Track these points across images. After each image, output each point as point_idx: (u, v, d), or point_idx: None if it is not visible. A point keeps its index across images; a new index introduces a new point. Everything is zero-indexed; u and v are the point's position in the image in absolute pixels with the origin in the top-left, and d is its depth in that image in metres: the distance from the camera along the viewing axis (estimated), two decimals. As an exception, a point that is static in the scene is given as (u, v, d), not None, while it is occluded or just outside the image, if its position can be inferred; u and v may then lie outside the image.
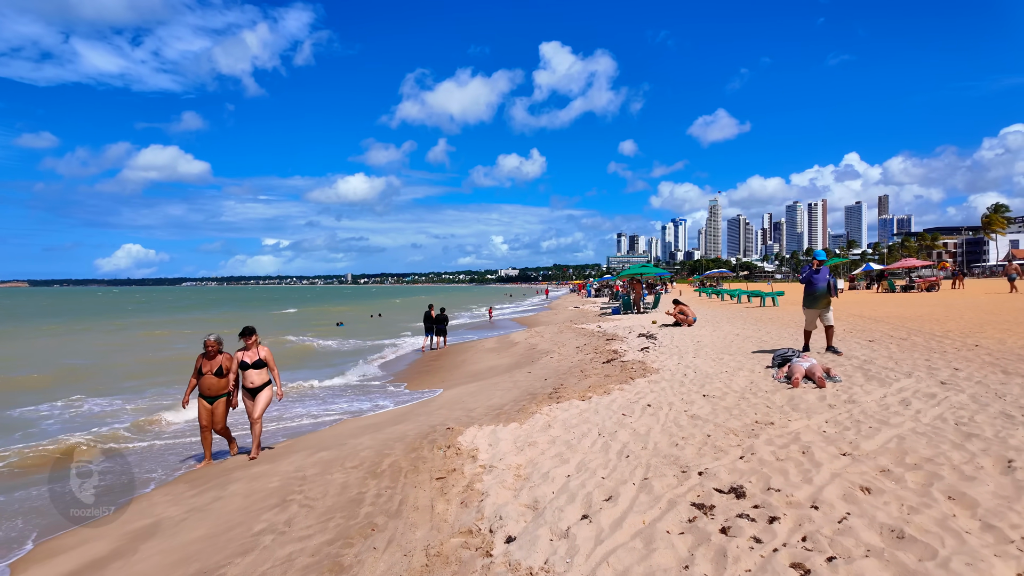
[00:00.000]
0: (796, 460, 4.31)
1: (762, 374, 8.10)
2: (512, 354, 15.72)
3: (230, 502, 4.99)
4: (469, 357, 16.98)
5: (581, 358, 12.07)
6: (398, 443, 5.96)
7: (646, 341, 13.42)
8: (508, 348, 17.33)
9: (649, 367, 9.42)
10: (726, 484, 3.93)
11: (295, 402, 11.22)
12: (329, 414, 9.99)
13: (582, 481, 4.19)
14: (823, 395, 6.45)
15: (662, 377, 8.39)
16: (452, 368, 15.04)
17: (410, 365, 16.69)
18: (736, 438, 5.03)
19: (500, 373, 12.33)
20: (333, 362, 18.12)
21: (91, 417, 10.20)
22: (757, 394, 6.79)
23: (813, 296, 9.53)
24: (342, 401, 11.20)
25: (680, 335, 14.13)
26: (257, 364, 6.80)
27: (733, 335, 13.38)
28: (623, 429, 5.54)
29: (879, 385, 6.80)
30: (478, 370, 13.80)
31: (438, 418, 7.37)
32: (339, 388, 12.81)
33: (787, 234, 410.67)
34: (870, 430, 4.96)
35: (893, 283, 35.29)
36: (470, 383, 11.53)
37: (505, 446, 5.29)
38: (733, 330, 14.62)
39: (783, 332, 13.35)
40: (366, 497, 4.48)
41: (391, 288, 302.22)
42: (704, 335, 13.77)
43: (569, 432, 5.59)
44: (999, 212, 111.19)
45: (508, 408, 7.34)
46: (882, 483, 3.77)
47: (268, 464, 6.18)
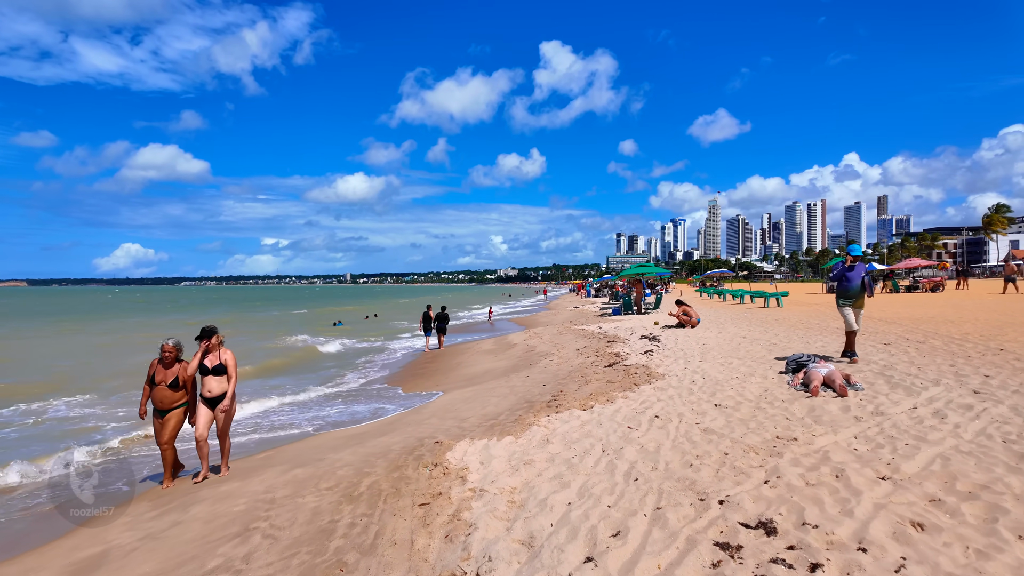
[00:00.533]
0: (830, 486, 3.77)
1: (776, 381, 7.55)
2: (510, 356, 15.17)
3: (188, 528, 4.44)
4: (466, 359, 16.43)
5: (581, 361, 11.53)
6: (381, 459, 5.40)
7: (649, 343, 12.87)
8: (506, 350, 16.78)
9: (654, 372, 8.88)
10: (753, 516, 3.38)
11: (282, 407, 10.67)
12: (315, 421, 9.44)
13: (585, 511, 3.65)
14: (846, 405, 5.91)
15: (669, 384, 7.84)
16: (448, 371, 14.49)
17: (406, 367, 16.14)
18: (757, 457, 4.49)
19: (497, 377, 11.79)
20: (327, 364, 17.56)
21: (65, 422, 9.64)
22: (774, 404, 6.25)
23: (847, 294, 8.53)
24: (331, 407, 10.65)
25: (684, 337, 13.59)
26: (218, 370, 5.99)
27: (740, 337, 12.84)
28: (630, 445, 5.00)
29: (906, 394, 6.25)
30: (474, 373, 13.25)
31: (428, 428, 6.82)
32: (331, 391, 12.25)
33: (786, 234, 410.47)
34: (908, 448, 4.41)
35: (897, 283, 34.75)
36: (465, 388, 10.98)
37: (498, 464, 4.74)
38: (739, 332, 14.08)
39: (791, 334, 12.81)
40: (338, 527, 3.93)
41: (391, 288, 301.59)
42: (709, 337, 13.22)
43: (570, 448, 5.04)
44: (1000, 212, 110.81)
45: (503, 418, 6.79)
46: (936, 517, 3.23)
47: (239, 481, 5.62)
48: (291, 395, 11.96)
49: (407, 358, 18.44)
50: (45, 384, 13.73)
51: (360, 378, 14.56)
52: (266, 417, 10.05)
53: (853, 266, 8.54)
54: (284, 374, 15.47)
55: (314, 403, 11.08)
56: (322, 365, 17.43)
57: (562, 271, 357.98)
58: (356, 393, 12.12)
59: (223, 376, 5.99)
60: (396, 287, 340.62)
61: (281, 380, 14.41)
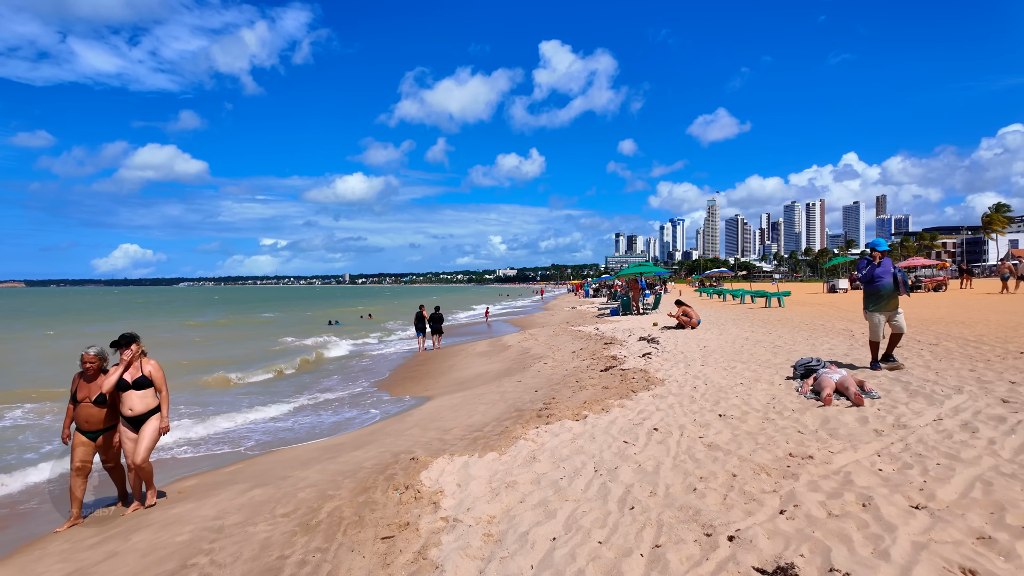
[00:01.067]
0: (857, 518, 3.24)
1: (784, 387, 7.03)
2: (503, 359, 14.64)
3: (122, 562, 3.90)
4: (458, 362, 15.89)
5: (577, 365, 11.00)
6: (348, 479, 4.87)
7: (647, 345, 12.34)
8: (500, 352, 16.25)
9: (653, 377, 8.34)
10: (769, 559, 2.85)
11: (266, 412, 10.13)
12: (295, 429, 8.91)
13: (571, 549, 3.11)
14: (863, 416, 5.39)
15: (668, 390, 7.31)
16: (438, 374, 13.95)
17: (397, 370, 15.61)
18: (770, 479, 3.96)
19: (488, 381, 11.26)
20: (317, 366, 17.01)
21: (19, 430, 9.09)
22: (783, 414, 5.72)
23: (877, 296, 7.34)
24: (314, 413, 10.12)
25: (684, 339, 13.06)
26: (140, 383, 5.11)
27: (742, 339, 12.31)
28: (626, 464, 4.46)
29: (928, 403, 5.73)
30: (465, 377, 12.71)
31: (407, 441, 6.28)
32: (318, 396, 11.70)
33: (785, 234, 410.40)
34: (940, 469, 3.89)
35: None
36: (454, 392, 10.45)
37: (477, 487, 4.21)
38: (741, 333, 13.55)
39: (796, 335, 12.28)
40: (287, 564, 3.40)
41: (389, 288, 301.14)
42: (710, 339, 12.70)
43: (558, 468, 4.51)
44: (1000, 211, 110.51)
45: (489, 430, 6.26)
46: (991, 562, 2.70)
47: (194, 503, 5.08)
48: (276, 400, 11.43)
49: (399, 360, 17.91)
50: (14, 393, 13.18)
51: (349, 381, 14.03)
52: (247, 423, 9.51)
53: (881, 262, 7.40)
54: (273, 376, 14.93)
55: (298, 410, 10.54)
56: (313, 367, 16.90)
57: (561, 271, 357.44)
58: (342, 398, 11.59)
59: (147, 390, 5.17)
60: (395, 287, 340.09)
61: (269, 383, 13.86)
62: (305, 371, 16.22)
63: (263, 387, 13.54)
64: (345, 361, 18.14)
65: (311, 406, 10.81)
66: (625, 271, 29.70)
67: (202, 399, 11.80)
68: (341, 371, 15.95)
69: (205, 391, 12.97)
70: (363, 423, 8.83)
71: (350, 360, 18.29)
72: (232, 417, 9.79)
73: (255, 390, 13.10)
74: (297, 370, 16.29)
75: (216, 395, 12.45)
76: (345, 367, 16.76)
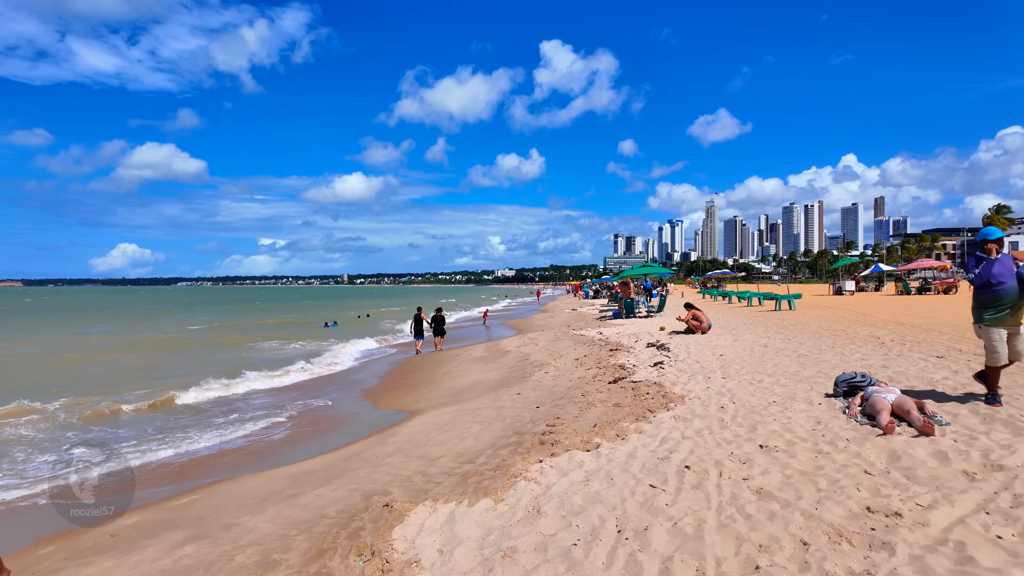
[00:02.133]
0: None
1: (826, 408, 6.04)
2: (501, 366, 13.64)
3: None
4: (453, 368, 14.89)
5: (582, 375, 10.01)
6: (303, 535, 3.86)
7: (658, 353, 11.36)
8: (497, 358, 15.25)
9: (670, 392, 7.35)
10: None
11: (242, 424, 9.13)
12: (267, 447, 7.91)
13: None
14: (940, 450, 4.40)
15: (691, 410, 6.32)
16: (431, 382, 12.95)
17: (387, 376, 14.60)
18: (854, 550, 2.97)
19: (484, 392, 10.26)
20: (304, 372, 16.00)
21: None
22: (837, 445, 4.74)
23: (998, 302, 5.35)
24: (290, 427, 9.12)
25: (696, 346, 12.08)
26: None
27: (760, 346, 11.33)
28: (656, 520, 3.47)
29: (1011, 432, 4.74)
30: (460, 387, 11.71)
31: (384, 475, 5.27)
32: (299, 407, 10.69)
33: (783, 235, 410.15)
34: (1084, 539, 2.90)
35: (908, 285, 33.37)
36: (446, 406, 9.46)
37: (464, 557, 3.21)
38: (757, 340, 12.57)
39: (818, 343, 11.30)
40: None
41: (388, 288, 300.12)
42: (725, 346, 11.71)
43: (570, 526, 3.50)
44: (1001, 213, 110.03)
45: (483, 461, 5.26)
46: None
47: (112, 561, 4.07)
48: (256, 411, 10.43)
49: (391, 365, 16.91)
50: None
51: (335, 389, 13.03)
52: (223, 435, 8.53)
53: (1000, 257, 5.43)
54: (256, 384, 13.90)
55: (277, 426, 9.54)
56: (298, 372, 15.89)
57: (560, 272, 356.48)
58: (323, 410, 10.59)
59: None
60: (393, 288, 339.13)
61: (250, 391, 12.83)
62: (284, 377, 15.21)
63: (235, 397, 12.51)
64: (333, 366, 17.14)
65: (285, 422, 9.80)
66: (629, 272, 28.67)
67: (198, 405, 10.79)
68: (328, 379, 14.95)
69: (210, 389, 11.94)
70: (340, 443, 7.83)
71: (338, 365, 17.29)
72: (223, 430, 8.80)
73: (221, 403, 12.09)
74: (276, 376, 15.29)
75: (216, 405, 11.44)
76: (332, 374, 15.77)
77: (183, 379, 14.10)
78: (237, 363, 17.67)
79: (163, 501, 5.84)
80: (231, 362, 18.17)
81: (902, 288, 32.88)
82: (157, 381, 14.24)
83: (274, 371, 15.72)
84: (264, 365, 16.88)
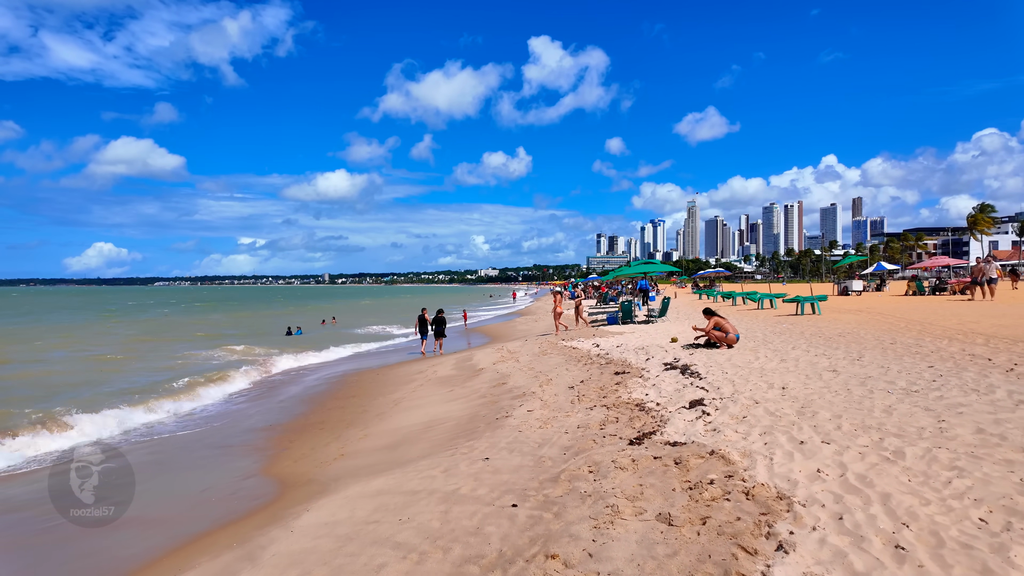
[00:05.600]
0: None
1: None
2: (470, 393, 10.29)
3: None
4: (409, 393, 11.50)
5: (582, 421, 6.69)
6: None
7: (684, 379, 8.11)
8: (467, 380, 11.90)
9: (749, 481, 4.08)
10: None
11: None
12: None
13: None
14: None
15: (832, 554, 3.03)
16: (371, 418, 9.56)
17: (315, 408, 11.13)
18: None
19: (438, 445, 6.92)
20: (193, 402, 12.42)
21: None
22: None
23: None
24: (90, 537, 5.67)
25: (732, 367, 8.86)
26: None
27: (826, 371, 8.13)
28: None
29: None
30: (408, 428, 8.33)
31: None
32: (161, 464, 7.19)
33: (764, 235, 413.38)
34: None
35: (922, 284, 30.76)
36: (373, 475, 6.09)
37: None
38: (806, 356, 9.39)
39: (905, 363, 8.15)
40: None
41: (369, 288, 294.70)
42: (774, 368, 8.51)
43: None
44: (985, 212, 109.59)
45: None
46: None
47: None
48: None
49: (333, 385, 13.45)
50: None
51: (239, 435, 9.56)
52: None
53: None
54: (92, 427, 10.30)
55: (108, 522, 6.07)
56: (187, 397, 12.31)
57: (543, 271, 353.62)
58: (193, 496, 7.12)
59: None
60: (375, 287, 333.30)
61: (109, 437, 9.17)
62: (187, 407, 11.66)
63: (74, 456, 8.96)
64: (254, 392, 13.62)
65: (131, 509, 6.32)
66: (627, 270, 25.38)
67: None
68: (238, 415, 11.43)
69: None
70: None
71: (261, 392, 13.79)
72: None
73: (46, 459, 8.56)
74: (149, 416, 11.74)
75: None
76: (245, 409, 12.26)
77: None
78: (113, 386, 13.90)
79: None
80: (109, 383, 14.31)
81: (915, 288, 30.24)
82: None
83: (167, 398, 12.09)
84: (147, 390, 13.00)
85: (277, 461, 7.53)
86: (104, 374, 16.11)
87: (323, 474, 6.60)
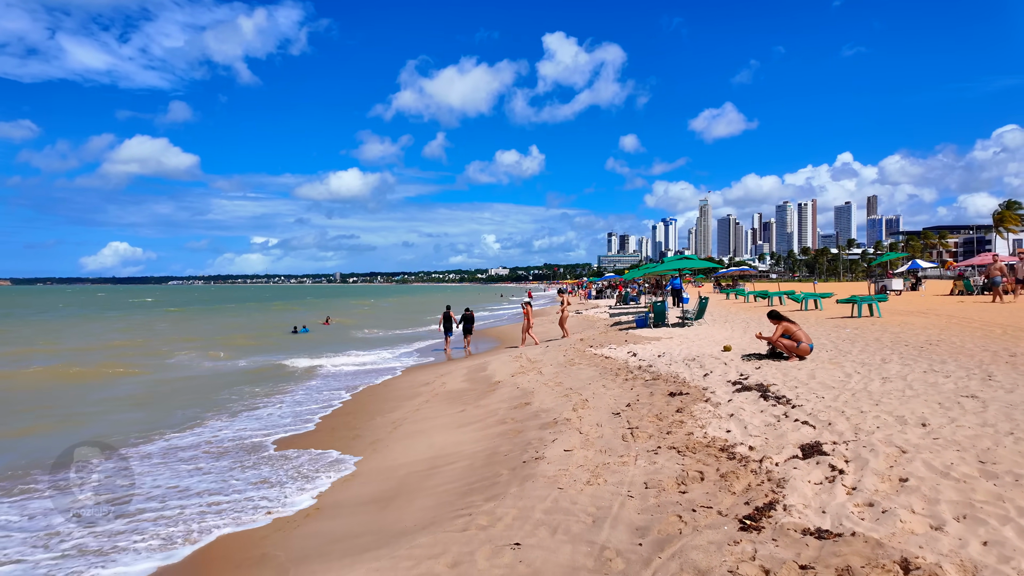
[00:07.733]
0: None
1: None
2: (485, 416, 8.38)
3: None
4: (409, 414, 9.62)
5: (649, 473, 4.75)
6: None
7: (768, 406, 6.15)
8: (481, 397, 10.00)
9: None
10: None
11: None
12: None
13: None
14: None
15: None
16: (361, 450, 7.66)
17: (300, 431, 9.27)
18: None
19: (447, 504, 5.02)
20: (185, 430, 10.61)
21: None
22: None
23: None
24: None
25: (823, 388, 6.87)
26: None
27: (962, 396, 6.12)
28: None
29: None
30: (407, 469, 6.43)
31: None
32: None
33: (777, 234, 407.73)
34: None
35: (970, 283, 28.39)
36: (353, 561, 4.21)
37: None
38: (924, 377, 7.37)
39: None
40: None
41: (380, 288, 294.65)
42: (880, 392, 6.51)
43: None
44: (1012, 209, 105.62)
45: None
46: None
47: None
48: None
49: (321, 406, 11.54)
50: None
51: (207, 476, 7.70)
52: None
53: None
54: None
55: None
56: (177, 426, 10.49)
57: (554, 270, 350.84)
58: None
59: None
60: (386, 287, 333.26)
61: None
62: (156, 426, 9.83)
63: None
64: (237, 416, 11.78)
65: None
66: (660, 267, 23.23)
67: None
68: (203, 453, 9.57)
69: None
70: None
71: (243, 413, 11.95)
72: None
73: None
74: (148, 422, 9.91)
75: None
76: (223, 441, 10.43)
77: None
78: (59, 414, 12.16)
79: None
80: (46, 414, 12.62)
81: (963, 287, 27.87)
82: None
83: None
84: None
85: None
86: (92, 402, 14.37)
87: (284, 547, 4.71)
